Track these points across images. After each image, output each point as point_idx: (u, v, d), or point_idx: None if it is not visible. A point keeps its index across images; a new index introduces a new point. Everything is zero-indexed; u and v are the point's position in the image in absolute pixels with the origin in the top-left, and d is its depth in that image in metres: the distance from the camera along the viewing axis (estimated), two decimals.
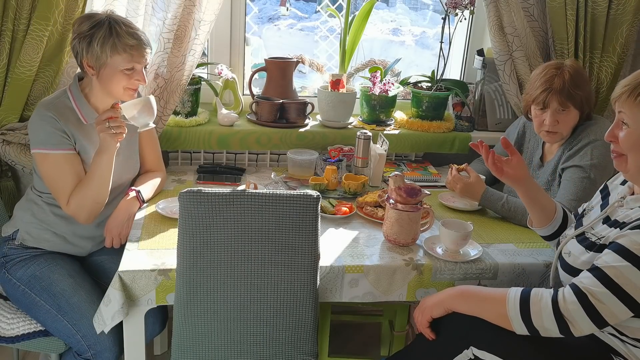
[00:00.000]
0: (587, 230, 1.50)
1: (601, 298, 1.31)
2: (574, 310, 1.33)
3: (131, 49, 1.70)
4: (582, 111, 1.92)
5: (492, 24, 2.31)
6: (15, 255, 1.82)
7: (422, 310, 1.54)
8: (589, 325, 1.33)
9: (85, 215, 1.78)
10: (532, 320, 1.35)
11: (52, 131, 1.72)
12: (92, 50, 1.69)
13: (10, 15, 1.92)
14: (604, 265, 1.33)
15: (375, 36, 5.06)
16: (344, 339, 2.58)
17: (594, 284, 1.33)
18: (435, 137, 2.43)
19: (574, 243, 1.50)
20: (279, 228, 1.48)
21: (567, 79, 1.87)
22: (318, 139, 2.37)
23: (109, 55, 1.69)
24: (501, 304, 1.40)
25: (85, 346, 1.68)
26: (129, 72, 1.73)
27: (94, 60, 1.71)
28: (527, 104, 2.00)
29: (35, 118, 1.75)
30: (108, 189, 1.77)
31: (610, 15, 2.32)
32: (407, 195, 1.69)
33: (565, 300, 1.34)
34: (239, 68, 2.53)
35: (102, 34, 1.68)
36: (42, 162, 1.75)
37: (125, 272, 1.54)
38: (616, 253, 1.32)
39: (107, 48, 1.68)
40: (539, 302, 1.36)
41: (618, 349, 1.43)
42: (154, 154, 2.05)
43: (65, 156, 1.75)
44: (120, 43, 1.68)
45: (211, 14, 2.12)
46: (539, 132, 1.98)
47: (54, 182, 1.76)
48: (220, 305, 1.52)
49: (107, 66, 1.71)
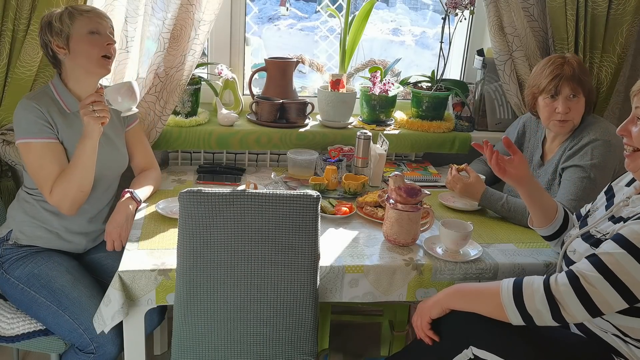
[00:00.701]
0: (591, 229, 1.51)
1: (593, 282, 1.31)
2: (565, 292, 1.33)
3: (87, 13, 1.77)
4: (588, 102, 1.93)
5: (492, 24, 2.31)
6: (11, 254, 1.82)
7: (420, 313, 1.54)
8: (580, 311, 1.32)
9: (69, 204, 1.77)
10: (525, 304, 1.35)
11: (33, 120, 1.74)
12: (54, 29, 1.75)
13: (10, 15, 1.92)
14: (600, 252, 1.34)
15: (375, 36, 5.07)
16: (344, 339, 2.58)
17: (587, 269, 1.33)
18: (435, 137, 2.43)
19: (580, 241, 1.51)
20: (279, 228, 1.48)
21: (575, 66, 1.90)
22: (318, 139, 2.37)
23: (70, 25, 1.74)
24: (496, 295, 1.40)
25: (88, 339, 1.68)
26: (95, 36, 1.76)
27: (59, 38, 1.75)
28: (533, 96, 1.99)
29: (18, 109, 1.77)
30: (92, 176, 1.77)
31: (610, 15, 2.32)
32: (407, 195, 1.69)
33: (557, 282, 1.35)
34: (239, 68, 2.53)
35: (58, 14, 1.76)
36: (25, 152, 1.76)
37: (125, 272, 1.54)
38: (614, 242, 1.33)
39: (65, 18, 1.74)
40: (532, 286, 1.37)
41: (620, 350, 1.43)
42: (144, 152, 2.05)
43: (48, 145, 1.76)
44: (76, 10, 1.76)
45: (211, 14, 2.12)
46: (548, 123, 1.97)
47: (37, 171, 1.77)
48: (220, 305, 1.52)
49: (72, 37, 1.75)
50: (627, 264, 1.29)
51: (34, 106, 1.75)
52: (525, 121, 2.19)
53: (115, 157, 1.93)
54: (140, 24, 2.08)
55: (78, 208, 1.81)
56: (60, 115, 1.79)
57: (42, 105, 1.76)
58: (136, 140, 2.03)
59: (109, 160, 1.89)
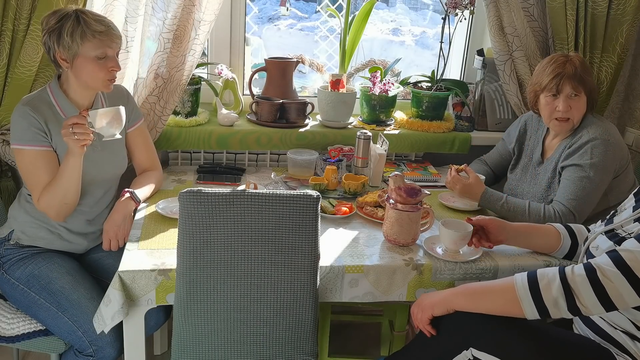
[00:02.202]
0: (616, 227, 1.50)
1: (609, 276, 1.31)
2: (580, 282, 1.33)
3: (100, 34, 1.71)
4: (589, 100, 1.93)
5: (492, 24, 2.31)
6: (12, 255, 1.82)
7: (422, 307, 1.53)
8: (595, 303, 1.32)
9: (54, 214, 1.78)
10: (542, 294, 1.36)
11: (26, 126, 1.73)
12: (62, 42, 1.71)
13: (10, 15, 1.92)
14: (620, 248, 1.35)
15: (375, 36, 5.07)
16: (344, 339, 2.58)
17: (606, 263, 1.34)
18: (435, 137, 2.43)
19: (604, 239, 1.50)
20: (279, 228, 1.48)
21: (577, 65, 1.90)
22: (318, 139, 2.37)
23: (79, 44, 1.70)
24: (509, 290, 1.40)
25: (87, 342, 1.68)
26: (102, 60, 1.73)
27: (66, 51, 1.72)
28: (535, 94, 2.00)
29: (14, 114, 1.76)
30: (77, 191, 1.77)
31: (610, 15, 2.32)
32: (407, 195, 1.69)
33: (573, 272, 1.35)
34: (239, 68, 2.53)
35: (70, 25, 1.70)
36: (18, 157, 1.76)
37: (125, 272, 1.54)
38: (637, 240, 1.34)
39: (76, 36, 1.69)
40: (547, 276, 1.38)
41: (627, 347, 1.43)
42: (147, 152, 2.04)
43: (39, 152, 1.75)
44: (89, 30, 1.70)
45: (211, 14, 2.12)
46: (549, 121, 1.97)
47: (28, 177, 1.77)
48: (220, 305, 1.52)
49: (79, 56, 1.72)
50: None
51: (29, 113, 1.73)
52: (527, 119, 2.19)
53: (113, 161, 1.92)
54: (140, 24, 2.08)
55: (65, 217, 1.81)
56: (55, 122, 1.77)
57: (37, 112, 1.74)
58: (139, 140, 2.01)
59: (106, 164, 1.89)
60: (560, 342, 1.41)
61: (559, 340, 1.42)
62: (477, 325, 1.43)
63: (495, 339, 1.40)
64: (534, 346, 1.38)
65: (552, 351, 1.39)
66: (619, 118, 2.65)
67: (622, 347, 1.44)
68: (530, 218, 1.90)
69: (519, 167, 2.17)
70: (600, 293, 1.32)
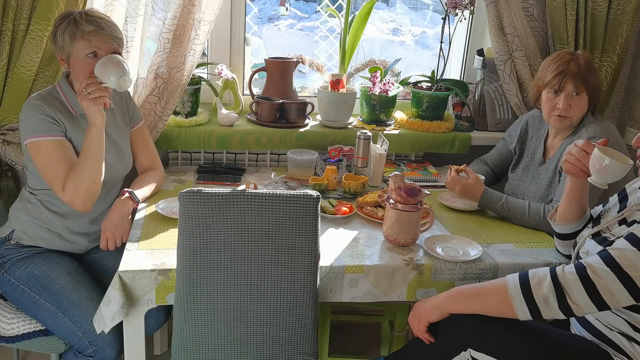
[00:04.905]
0: (604, 230, 1.51)
1: (600, 273, 1.32)
2: (571, 280, 1.34)
3: (89, 34, 1.70)
4: (591, 100, 1.93)
5: (492, 24, 2.31)
6: (12, 255, 1.82)
7: (418, 315, 1.53)
8: (586, 301, 1.33)
9: (82, 199, 1.75)
10: (533, 294, 1.36)
11: (41, 118, 1.73)
12: (57, 43, 1.73)
13: (10, 15, 1.92)
14: (610, 247, 1.36)
15: (375, 36, 5.08)
16: (344, 339, 2.58)
17: (596, 261, 1.35)
18: (435, 137, 2.43)
19: (593, 243, 1.51)
20: (279, 228, 1.48)
21: (582, 64, 1.89)
22: (318, 139, 2.37)
23: (70, 45, 1.71)
24: (501, 291, 1.40)
25: (87, 343, 1.68)
26: (91, 60, 1.72)
27: (61, 52, 1.74)
28: (537, 90, 2.00)
29: (25, 109, 1.76)
30: (102, 167, 1.76)
31: (610, 15, 2.32)
32: (407, 195, 1.69)
33: (564, 271, 1.36)
34: (239, 68, 2.53)
35: (64, 26, 1.71)
36: (35, 151, 1.74)
37: (125, 272, 1.54)
38: (626, 240, 1.35)
39: (66, 37, 1.71)
40: (538, 275, 1.38)
41: (624, 348, 1.43)
42: (149, 152, 2.05)
43: (57, 142, 1.75)
44: (78, 30, 1.70)
45: (211, 14, 2.12)
46: (549, 118, 1.97)
47: (47, 170, 1.75)
48: (220, 305, 1.52)
49: (72, 56, 1.73)
50: (636, 260, 1.31)
51: (40, 105, 1.74)
52: (528, 119, 2.19)
53: (120, 159, 1.92)
54: (140, 24, 2.08)
55: (92, 203, 1.79)
56: (67, 117, 1.78)
57: (49, 106, 1.75)
58: (141, 141, 2.02)
59: (114, 162, 1.89)
60: (558, 343, 1.41)
61: (557, 340, 1.42)
62: (475, 326, 1.43)
63: (493, 340, 1.40)
64: (532, 347, 1.39)
65: (550, 351, 1.39)
66: (619, 118, 2.65)
67: (619, 348, 1.44)
68: (530, 218, 1.90)
69: (520, 167, 2.17)
70: (591, 291, 1.32)
